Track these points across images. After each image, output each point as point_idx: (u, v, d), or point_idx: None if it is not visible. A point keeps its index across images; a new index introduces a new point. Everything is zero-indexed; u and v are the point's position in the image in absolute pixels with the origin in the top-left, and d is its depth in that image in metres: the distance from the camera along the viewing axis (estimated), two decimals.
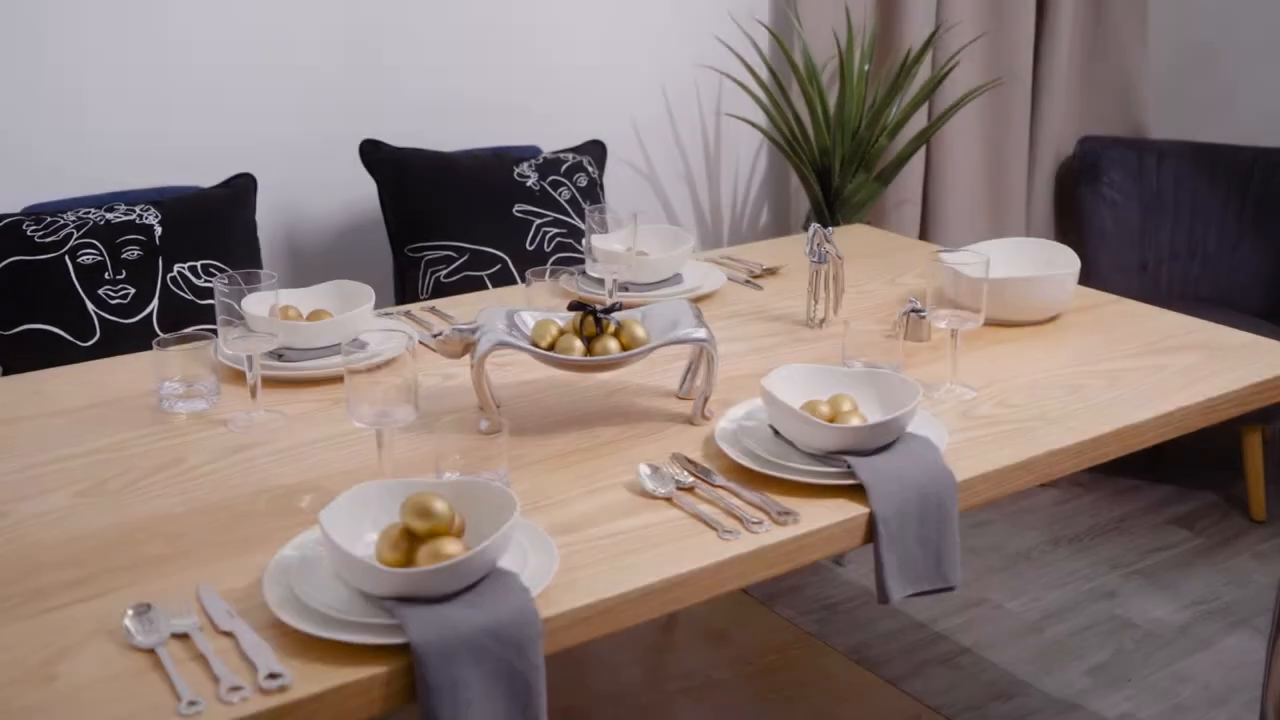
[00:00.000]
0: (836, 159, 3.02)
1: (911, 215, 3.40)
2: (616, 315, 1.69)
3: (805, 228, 3.20)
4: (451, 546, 1.23)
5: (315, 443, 1.63)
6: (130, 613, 1.21)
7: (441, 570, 1.18)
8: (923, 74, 3.31)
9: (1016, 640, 2.66)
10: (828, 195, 3.08)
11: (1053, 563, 2.97)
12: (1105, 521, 3.16)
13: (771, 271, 2.35)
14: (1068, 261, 2.12)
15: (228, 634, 1.20)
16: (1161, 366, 1.89)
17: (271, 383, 1.79)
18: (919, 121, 3.34)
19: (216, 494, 1.49)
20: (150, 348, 1.96)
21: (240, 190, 2.45)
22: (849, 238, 2.59)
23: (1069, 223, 3.73)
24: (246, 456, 1.59)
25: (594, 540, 1.38)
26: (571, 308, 1.69)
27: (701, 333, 1.66)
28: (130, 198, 2.38)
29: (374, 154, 2.64)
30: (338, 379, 1.83)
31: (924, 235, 3.48)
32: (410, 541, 1.25)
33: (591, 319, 1.67)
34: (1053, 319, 2.10)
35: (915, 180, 3.40)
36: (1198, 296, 3.47)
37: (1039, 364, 1.91)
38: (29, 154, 2.46)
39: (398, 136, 2.77)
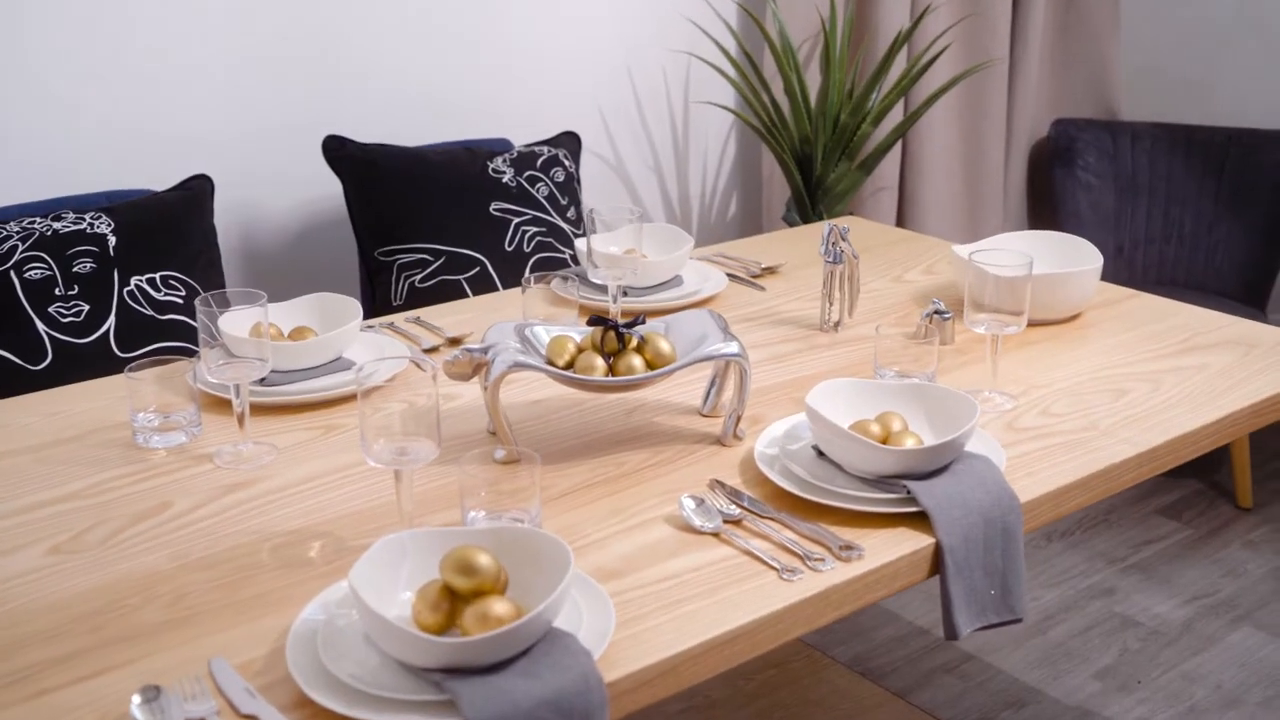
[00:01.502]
0: (818, 147, 2.90)
1: (889, 202, 3.30)
2: (639, 329, 1.55)
3: (785, 219, 3.08)
4: (499, 607, 1.10)
5: (314, 479, 1.47)
6: (138, 699, 1.05)
7: (496, 638, 1.04)
8: (898, 59, 3.19)
9: (1020, 644, 2.57)
10: (809, 184, 2.96)
11: (1047, 559, 2.89)
12: (1093, 513, 3.09)
13: (771, 270, 2.22)
14: (1089, 256, 2.02)
15: (251, 718, 1.06)
16: (1201, 367, 1.80)
17: (255, 409, 1.63)
18: (896, 107, 3.23)
19: (212, 545, 1.33)
20: (109, 369, 1.80)
21: (198, 193, 2.26)
22: None
23: (1044, 206, 3.65)
24: (240, 498, 1.43)
25: (644, 587, 1.25)
26: (592, 323, 1.55)
27: (733, 347, 1.53)
28: (78, 204, 2.18)
29: (339, 150, 2.45)
30: (327, 403, 1.68)
31: (901, 222, 3.38)
32: (452, 601, 1.12)
33: (613, 334, 1.53)
34: (1074, 317, 2.00)
35: (893, 167, 3.29)
36: (1174, 280, 3.41)
37: (1073, 367, 1.81)
38: None
39: (358, 130, 2.60)
